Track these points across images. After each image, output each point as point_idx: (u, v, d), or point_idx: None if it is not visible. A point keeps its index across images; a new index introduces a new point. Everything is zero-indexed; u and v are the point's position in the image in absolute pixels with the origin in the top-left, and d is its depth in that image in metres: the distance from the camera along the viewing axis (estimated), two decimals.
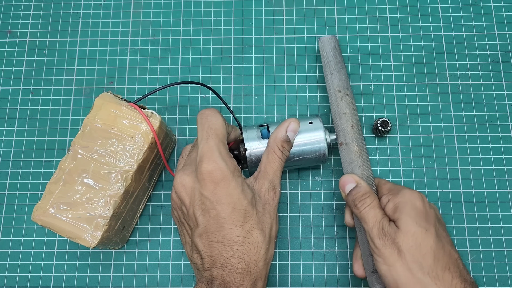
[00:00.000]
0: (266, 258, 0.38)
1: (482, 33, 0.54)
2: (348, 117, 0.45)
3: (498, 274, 0.46)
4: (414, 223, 0.37)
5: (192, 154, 0.41)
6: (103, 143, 0.41)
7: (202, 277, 0.38)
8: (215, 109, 0.41)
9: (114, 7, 0.56)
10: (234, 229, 0.37)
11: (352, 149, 0.44)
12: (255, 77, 0.53)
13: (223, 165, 0.37)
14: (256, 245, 0.37)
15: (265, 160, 0.41)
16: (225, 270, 0.36)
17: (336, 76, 0.47)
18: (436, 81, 0.52)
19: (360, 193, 0.40)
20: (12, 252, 0.48)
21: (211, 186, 0.37)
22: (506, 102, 0.51)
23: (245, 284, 0.36)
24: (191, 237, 0.39)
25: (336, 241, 0.48)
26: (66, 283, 0.47)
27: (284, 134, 0.42)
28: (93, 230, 0.39)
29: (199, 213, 0.38)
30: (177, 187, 0.39)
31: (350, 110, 0.45)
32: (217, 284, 0.36)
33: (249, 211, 0.37)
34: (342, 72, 0.47)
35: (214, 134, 0.39)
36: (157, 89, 0.44)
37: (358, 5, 0.55)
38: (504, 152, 0.50)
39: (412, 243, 0.36)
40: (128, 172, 0.41)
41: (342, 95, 0.46)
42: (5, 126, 0.52)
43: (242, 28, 0.55)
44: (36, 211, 0.40)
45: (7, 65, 0.54)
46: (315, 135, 0.44)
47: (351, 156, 0.44)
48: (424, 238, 0.36)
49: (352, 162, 0.44)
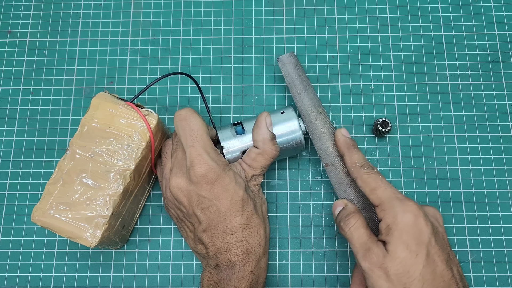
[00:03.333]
0: (266, 236, 0.41)
1: (482, 33, 0.54)
2: (327, 136, 0.44)
3: (498, 274, 0.46)
4: (404, 249, 0.35)
5: (178, 153, 0.41)
6: (101, 142, 0.41)
7: (208, 264, 0.40)
8: (191, 108, 0.41)
9: (114, 7, 0.56)
10: (234, 219, 0.39)
11: (339, 169, 0.43)
12: (255, 77, 0.53)
13: (214, 165, 0.39)
14: (256, 228, 0.40)
15: (254, 157, 0.42)
16: (230, 253, 0.39)
17: (305, 96, 0.46)
18: (436, 81, 0.52)
19: (345, 214, 0.40)
20: (12, 252, 0.48)
21: (207, 187, 0.38)
22: (506, 102, 0.51)
23: (250, 262, 0.39)
24: (193, 232, 0.41)
25: (336, 241, 0.48)
26: (66, 283, 0.47)
27: (269, 132, 0.43)
28: (93, 230, 0.39)
29: (199, 212, 0.39)
30: (174, 191, 0.40)
31: (327, 129, 0.44)
32: (223, 266, 0.39)
33: (246, 199, 0.40)
34: (309, 89, 0.46)
35: (198, 136, 0.39)
36: (146, 87, 0.44)
37: (358, 5, 0.55)
38: (504, 152, 0.50)
39: (401, 269, 0.35)
40: (127, 170, 0.41)
41: (315, 114, 0.45)
42: (5, 126, 0.52)
43: (242, 28, 0.55)
44: (36, 212, 0.40)
45: (7, 65, 0.54)
46: (289, 125, 0.44)
47: (340, 176, 0.43)
48: (413, 264, 0.35)
49: (342, 182, 0.43)
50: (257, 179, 0.43)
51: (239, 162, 0.43)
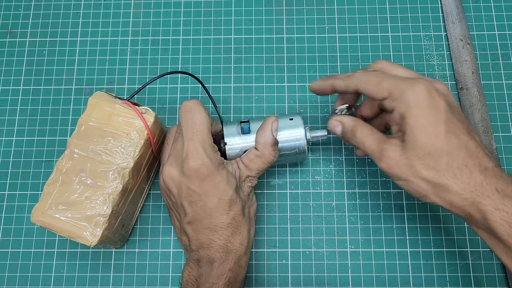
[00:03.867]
0: (249, 237, 0.41)
1: (482, 33, 0.54)
2: (469, 64, 0.50)
3: (498, 274, 0.46)
4: (421, 134, 0.34)
5: (178, 144, 0.41)
6: (98, 141, 0.41)
7: (190, 257, 0.41)
8: (198, 101, 0.41)
9: (114, 7, 0.56)
10: (220, 217, 0.39)
11: (473, 94, 0.50)
12: (255, 77, 0.53)
13: (207, 162, 0.38)
14: (240, 228, 0.40)
15: (252, 158, 0.42)
16: (211, 250, 0.39)
17: (458, 25, 0.51)
18: None
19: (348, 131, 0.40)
20: (12, 252, 0.48)
21: (198, 182, 0.39)
22: (506, 102, 0.51)
23: (230, 260, 0.39)
24: (180, 222, 0.42)
25: (336, 241, 0.48)
26: (67, 283, 0.47)
27: (272, 137, 0.42)
28: (93, 229, 0.39)
29: (186, 204, 0.40)
30: (166, 179, 0.41)
31: (470, 58, 0.51)
32: (204, 261, 0.39)
33: (234, 199, 0.40)
34: (463, 21, 0.51)
35: (198, 131, 0.39)
36: (144, 85, 0.44)
37: (358, 5, 0.55)
38: (504, 152, 0.50)
39: (421, 154, 0.34)
40: (126, 169, 0.41)
41: (463, 43, 0.50)
42: (5, 126, 0.52)
43: (242, 28, 0.55)
44: (35, 213, 0.40)
45: (7, 65, 0.54)
46: (295, 132, 0.44)
47: (471, 100, 0.50)
48: (434, 145, 0.34)
49: (472, 106, 0.49)
50: (251, 181, 0.43)
51: (236, 161, 0.43)
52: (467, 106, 0.50)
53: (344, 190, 0.49)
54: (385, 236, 0.47)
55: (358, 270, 0.46)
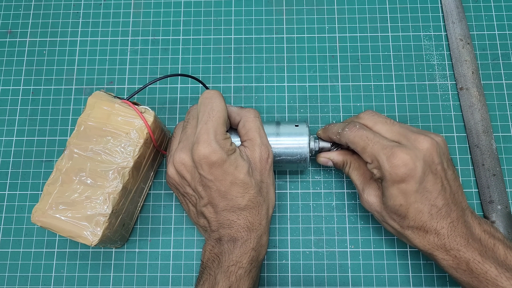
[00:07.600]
0: (268, 216, 0.42)
1: (482, 33, 0.54)
2: (469, 64, 0.51)
3: None
4: (390, 199, 0.39)
5: (187, 130, 0.41)
6: (98, 141, 0.41)
7: (211, 236, 0.42)
8: (219, 91, 0.42)
9: (114, 7, 0.56)
10: (235, 199, 0.40)
11: (473, 94, 0.50)
12: (255, 77, 0.53)
13: (217, 148, 0.38)
14: (258, 208, 0.41)
15: (248, 127, 0.42)
16: (231, 229, 0.40)
17: (458, 25, 0.51)
18: (436, 81, 0.52)
19: (337, 166, 0.45)
20: (12, 252, 0.48)
21: (207, 168, 0.39)
22: (506, 102, 0.51)
23: (252, 239, 0.40)
24: (195, 206, 0.42)
25: (336, 241, 0.48)
26: (67, 282, 0.47)
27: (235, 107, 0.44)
28: (93, 228, 0.39)
29: (200, 188, 0.40)
30: (177, 166, 0.40)
31: (470, 58, 0.51)
32: (225, 239, 0.40)
33: (247, 183, 0.40)
34: (463, 21, 0.51)
35: (214, 117, 0.40)
36: (144, 86, 0.44)
37: (358, 5, 0.55)
38: (504, 152, 0.50)
39: (390, 211, 0.40)
40: (125, 168, 0.41)
41: (463, 43, 0.50)
42: (5, 126, 0.52)
43: (242, 28, 0.55)
44: (35, 213, 0.40)
45: (7, 65, 0.54)
46: (299, 140, 0.44)
47: (471, 100, 0.50)
48: (398, 210, 0.39)
49: (472, 106, 0.50)
50: (268, 151, 0.42)
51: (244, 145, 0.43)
52: (467, 106, 0.50)
53: (344, 190, 0.49)
54: (385, 236, 0.47)
55: (358, 270, 0.47)
